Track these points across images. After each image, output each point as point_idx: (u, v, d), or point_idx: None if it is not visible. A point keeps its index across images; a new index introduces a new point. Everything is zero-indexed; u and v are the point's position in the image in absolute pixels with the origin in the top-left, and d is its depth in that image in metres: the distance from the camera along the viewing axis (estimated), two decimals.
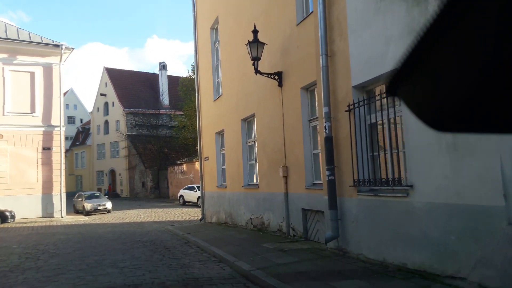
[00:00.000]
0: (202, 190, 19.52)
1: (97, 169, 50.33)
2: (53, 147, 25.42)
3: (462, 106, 0.62)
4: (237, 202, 14.68)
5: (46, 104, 25.51)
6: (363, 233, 7.05)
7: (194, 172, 36.68)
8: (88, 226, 21.21)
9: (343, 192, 7.54)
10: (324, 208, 8.18)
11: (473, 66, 0.58)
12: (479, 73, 0.57)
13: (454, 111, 0.64)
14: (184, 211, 27.87)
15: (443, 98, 0.63)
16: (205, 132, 18.88)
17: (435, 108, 0.66)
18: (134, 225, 21.12)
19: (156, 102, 45.54)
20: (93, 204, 27.69)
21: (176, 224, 20.98)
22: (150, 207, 32.01)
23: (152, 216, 25.14)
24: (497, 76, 0.56)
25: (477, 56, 0.57)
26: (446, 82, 0.62)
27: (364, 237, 7.04)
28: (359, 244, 7.15)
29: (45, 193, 25.08)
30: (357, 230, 7.21)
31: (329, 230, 7.74)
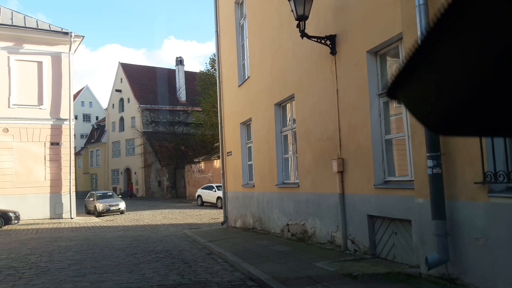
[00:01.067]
0: (224, 189, 16.99)
1: (112, 167, 48.29)
2: (62, 142, 23.20)
3: (465, 109, 0.60)
4: (268, 205, 12.10)
5: (54, 96, 23.30)
6: (498, 258, 4.40)
7: (212, 171, 34.24)
8: (97, 229, 18.87)
9: (456, 192, 4.89)
10: (413, 216, 5.56)
11: (476, 68, 0.56)
12: (481, 75, 0.55)
13: (456, 114, 0.62)
14: (203, 212, 25.41)
15: (445, 101, 0.61)
16: (228, 123, 16.35)
17: (436, 111, 0.64)
18: (148, 228, 18.71)
19: (173, 98, 43.27)
20: (105, 204, 25.42)
21: (195, 227, 18.53)
22: (166, 207, 29.65)
23: (169, 218, 22.72)
24: (500, 79, 0.54)
25: (479, 58, 0.55)
26: (448, 84, 0.60)
27: (499, 266, 4.38)
28: (489, 277, 4.49)
29: (53, 192, 22.87)
30: (485, 253, 4.56)
31: (431, 248, 5.10)
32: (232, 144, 15.96)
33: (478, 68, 0.56)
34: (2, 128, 22.04)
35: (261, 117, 12.63)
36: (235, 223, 15.61)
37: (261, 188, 12.70)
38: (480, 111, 0.60)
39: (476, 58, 0.56)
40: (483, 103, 0.58)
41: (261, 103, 12.56)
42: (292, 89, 10.26)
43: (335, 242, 8.36)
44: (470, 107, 0.60)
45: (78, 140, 57.54)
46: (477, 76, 0.56)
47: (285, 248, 9.26)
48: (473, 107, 0.59)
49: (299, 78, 9.88)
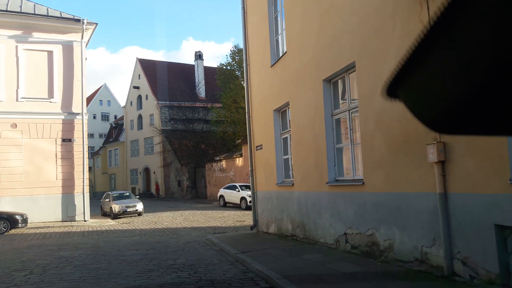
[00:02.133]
0: (254, 189, 14.57)
1: (130, 167, 46.40)
2: (74, 139, 21.12)
3: (463, 107, 0.60)
4: (315, 208, 9.62)
5: (66, 88, 21.24)
6: None
7: (234, 169, 31.90)
8: (111, 233, 16.65)
9: None
10: None
11: (474, 67, 0.56)
12: (479, 74, 0.55)
13: (455, 113, 0.62)
14: (226, 214, 23.03)
15: (443, 99, 0.61)
16: (257, 112, 13.94)
17: (435, 110, 0.64)
18: (167, 232, 16.42)
19: (192, 94, 41.08)
20: (122, 205, 23.27)
21: (220, 231, 16.18)
22: (186, 208, 27.39)
23: (190, 221, 20.41)
24: (497, 78, 0.54)
25: (477, 57, 0.55)
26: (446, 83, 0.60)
27: None
28: None
29: (65, 193, 20.80)
30: None
31: None
32: (262, 136, 13.53)
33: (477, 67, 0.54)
34: (10, 123, 20.06)
35: (303, 99, 10.15)
36: (268, 228, 13.17)
37: (304, 187, 10.21)
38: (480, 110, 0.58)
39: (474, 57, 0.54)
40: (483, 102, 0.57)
41: (302, 82, 10.08)
42: (352, 57, 7.75)
43: (429, 262, 5.83)
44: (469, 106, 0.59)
45: (97, 139, 56.01)
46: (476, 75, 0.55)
47: (350, 267, 6.75)
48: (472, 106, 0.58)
49: (363, 41, 7.38)
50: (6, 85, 20.12)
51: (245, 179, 30.15)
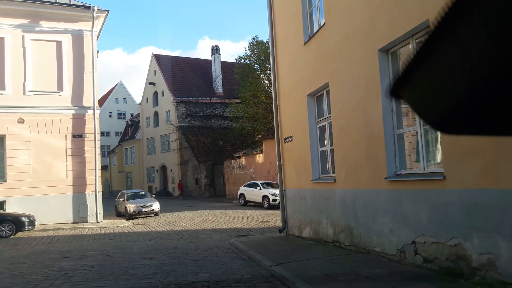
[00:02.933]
0: (282, 187, 12.80)
1: (147, 165, 45.03)
2: (85, 134, 19.63)
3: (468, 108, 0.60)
4: (367, 209, 7.78)
5: (76, 80, 19.75)
6: None
7: (255, 166, 30.16)
8: (124, 237, 15.07)
9: None
10: None
11: (479, 68, 0.55)
12: (484, 74, 0.55)
13: (460, 113, 0.61)
14: (248, 214, 21.30)
15: (448, 100, 0.61)
16: (286, 99, 12.16)
17: (439, 110, 0.63)
18: (186, 235, 14.77)
19: (209, 90, 39.44)
20: (137, 205, 21.73)
21: (244, 234, 14.48)
22: (205, 207, 25.75)
23: (209, 221, 18.73)
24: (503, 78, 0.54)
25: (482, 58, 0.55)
26: (451, 83, 0.60)
27: None
28: None
29: (76, 192, 19.33)
30: None
31: None
32: (293, 126, 11.74)
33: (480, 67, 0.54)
34: (17, 118, 18.66)
35: (348, 77, 8.30)
36: (300, 231, 11.38)
37: (351, 184, 8.38)
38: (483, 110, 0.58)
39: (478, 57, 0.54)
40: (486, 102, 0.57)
41: (347, 57, 8.24)
42: (424, 14, 5.87)
43: None
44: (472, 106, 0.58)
45: (113, 137, 54.93)
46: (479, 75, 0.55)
47: None
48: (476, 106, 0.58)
49: None
50: (12, 78, 18.72)
51: (266, 177, 28.40)
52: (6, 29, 18.63)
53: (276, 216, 19.52)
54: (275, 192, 23.32)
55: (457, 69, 0.58)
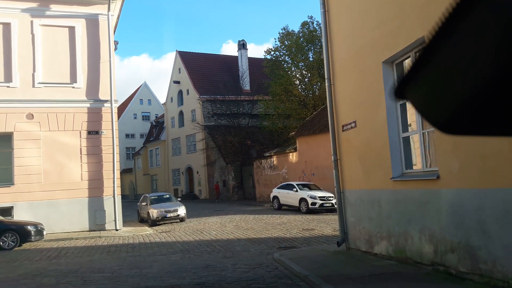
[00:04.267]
0: (339, 188, 9.87)
1: (172, 167, 42.70)
2: (102, 131, 17.18)
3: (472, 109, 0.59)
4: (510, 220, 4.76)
5: (91, 71, 17.34)
6: None
7: (287, 166, 27.25)
8: (144, 248, 12.44)
9: None
10: None
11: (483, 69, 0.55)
12: (489, 75, 0.55)
13: (464, 114, 0.61)
14: (285, 219, 18.41)
15: (452, 100, 0.61)
16: (345, 74, 9.28)
17: (444, 111, 0.63)
18: (218, 247, 12.02)
19: (236, 87, 36.80)
20: (161, 210, 19.14)
21: (287, 245, 11.72)
22: (235, 212, 22.98)
23: (243, 229, 15.94)
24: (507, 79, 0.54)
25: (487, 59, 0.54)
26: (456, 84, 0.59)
27: None
28: None
29: (92, 196, 16.88)
30: None
31: None
32: (356, 108, 8.82)
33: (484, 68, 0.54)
34: (26, 113, 16.35)
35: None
36: (370, 246, 8.44)
37: (474, 182, 5.40)
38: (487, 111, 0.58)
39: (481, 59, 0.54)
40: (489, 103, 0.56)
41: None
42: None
43: None
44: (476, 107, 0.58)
45: (138, 139, 53.02)
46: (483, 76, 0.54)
47: None
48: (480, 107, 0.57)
49: None
50: (20, 68, 16.43)
51: (300, 177, 25.45)
52: (13, 13, 16.36)
53: (319, 223, 16.59)
54: (314, 194, 20.36)
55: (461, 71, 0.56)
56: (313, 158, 24.48)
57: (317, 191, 21.02)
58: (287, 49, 29.89)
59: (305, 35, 29.27)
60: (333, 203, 20.32)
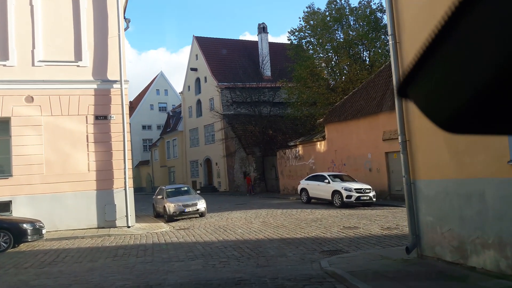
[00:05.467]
0: (408, 177, 7.45)
1: (190, 158, 40.63)
2: (111, 115, 15.04)
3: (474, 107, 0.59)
4: None
5: (98, 47, 15.18)
6: None
7: (315, 156, 24.79)
8: (158, 251, 10.25)
9: None
10: None
11: (485, 68, 0.54)
12: (490, 74, 0.54)
13: (467, 113, 0.60)
14: (318, 215, 16.05)
15: (454, 99, 0.60)
16: (419, 24, 6.79)
17: (445, 110, 0.62)
18: (247, 250, 9.76)
19: (256, 74, 34.37)
20: (178, 204, 16.96)
21: (331, 248, 9.44)
22: (260, 206, 20.68)
23: (272, 226, 13.62)
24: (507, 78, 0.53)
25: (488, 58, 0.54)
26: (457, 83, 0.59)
27: None
28: None
29: (101, 189, 14.79)
30: None
31: None
32: None
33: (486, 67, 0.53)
34: (25, 96, 14.29)
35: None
36: (462, 256, 6.04)
37: None
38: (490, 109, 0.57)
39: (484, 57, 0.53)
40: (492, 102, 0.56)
41: None
42: None
43: None
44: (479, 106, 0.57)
45: (155, 131, 51.12)
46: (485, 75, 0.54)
47: None
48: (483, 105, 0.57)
49: None
50: (18, 44, 14.35)
51: (329, 168, 22.98)
52: None
53: (360, 219, 14.16)
54: (349, 186, 17.91)
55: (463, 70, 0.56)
56: (344, 147, 21.97)
57: (352, 182, 18.56)
58: (313, 29, 27.30)
59: (332, 13, 26.64)
60: (371, 196, 17.87)
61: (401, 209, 16.95)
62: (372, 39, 25.87)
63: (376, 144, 19.80)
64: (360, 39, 26.25)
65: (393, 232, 11.41)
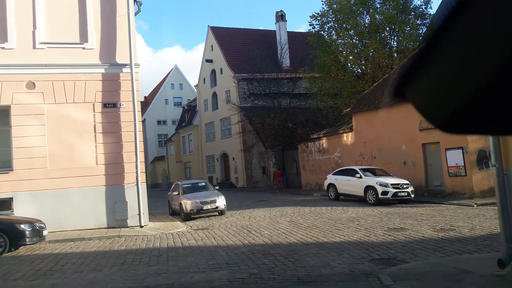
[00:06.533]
0: (501, 166, 5.54)
1: (206, 153, 39.07)
2: (121, 103, 13.47)
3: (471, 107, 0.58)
4: None
5: (106, 27, 13.60)
6: None
7: (341, 149, 22.90)
8: (172, 260, 8.59)
9: None
10: None
11: (482, 68, 0.54)
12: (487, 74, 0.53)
13: (464, 113, 0.59)
14: (353, 213, 14.25)
15: (450, 99, 0.59)
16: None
17: (443, 110, 0.61)
18: (280, 259, 8.04)
19: (274, 64, 32.57)
20: (196, 201, 15.32)
21: (385, 258, 7.58)
22: (283, 203, 18.92)
23: (302, 226, 11.86)
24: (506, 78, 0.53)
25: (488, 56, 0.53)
26: (455, 83, 0.58)
27: None
28: None
29: (111, 185, 13.26)
30: None
31: None
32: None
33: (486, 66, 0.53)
34: (25, 82, 12.79)
35: None
36: None
37: None
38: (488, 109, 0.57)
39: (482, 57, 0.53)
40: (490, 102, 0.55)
41: None
42: None
43: None
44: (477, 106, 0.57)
45: (170, 126, 49.76)
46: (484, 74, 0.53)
47: None
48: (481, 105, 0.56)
49: None
50: (18, 24, 12.85)
51: (357, 161, 21.09)
52: None
53: (404, 218, 12.29)
54: (385, 181, 16.02)
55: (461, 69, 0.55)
56: (374, 139, 20.02)
57: (387, 177, 16.67)
58: (336, 13, 25.33)
59: None
60: (409, 192, 15.96)
61: (445, 207, 15.04)
62: (402, 22, 23.80)
63: (411, 135, 17.84)
64: (388, 23, 24.20)
65: (450, 235, 9.55)
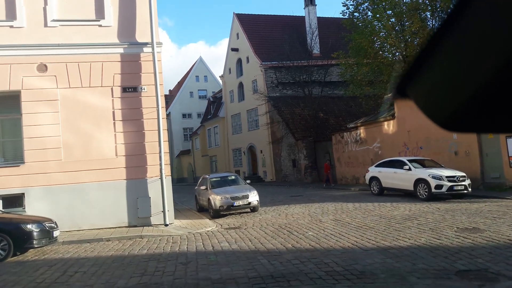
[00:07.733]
0: None
1: (232, 146, 37.57)
2: (142, 87, 11.97)
3: (472, 105, 0.58)
4: None
5: (124, 2, 12.09)
6: None
7: (381, 139, 20.91)
8: (203, 268, 6.99)
9: None
10: None
11: (483, 66, 0.54)
12: (489, 73, 0.53)
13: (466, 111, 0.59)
14: (405, 210, 12.38)
15: (453, 97, 0.59)
16: None
17: (445, 108, 0.61)
18: (339, 270, 6.27)
19: (303, 52, 30.65)
20: (226, 196, 13.74)
21: (473, 269, 5.63)
22: (321, 198, 17.13)
23: (352, 227, 10.06)
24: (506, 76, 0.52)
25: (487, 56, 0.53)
26: (456, 81, 0.58)
27: None
28: None
29: (132, 178, 11.81)
30: None
31: None
32: None
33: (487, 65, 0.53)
34: (37, 64, 11.43)
35: None
36: None
37: None
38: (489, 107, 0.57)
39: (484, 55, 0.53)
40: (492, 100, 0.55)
41: None
42: None
43: None
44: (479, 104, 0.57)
45: (195, 119, 48.50)
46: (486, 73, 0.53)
47: None
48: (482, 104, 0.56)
49: None
50: (27, 0, 11.47)
51: (401, 152, 19.08)
52: None
53: (471, 216, 10.33)
54: (439, 173, 14.03)
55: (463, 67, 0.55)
56: (420, 127, 17.89)
57: (439, 168, 14.67)
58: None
59: None
60: (466, 185, 13.93)
61: (509, 201, 13.06)
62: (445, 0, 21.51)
63: None
64: (430, 1, 21.96)
65: None
